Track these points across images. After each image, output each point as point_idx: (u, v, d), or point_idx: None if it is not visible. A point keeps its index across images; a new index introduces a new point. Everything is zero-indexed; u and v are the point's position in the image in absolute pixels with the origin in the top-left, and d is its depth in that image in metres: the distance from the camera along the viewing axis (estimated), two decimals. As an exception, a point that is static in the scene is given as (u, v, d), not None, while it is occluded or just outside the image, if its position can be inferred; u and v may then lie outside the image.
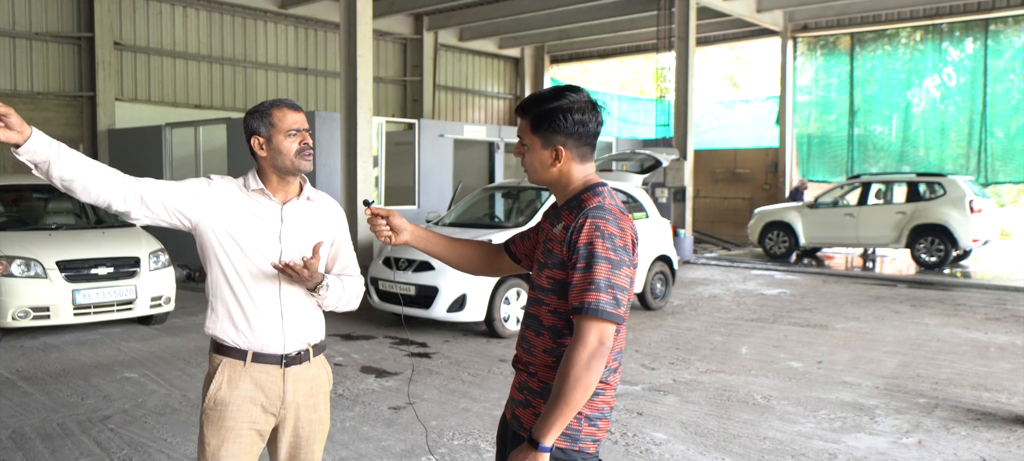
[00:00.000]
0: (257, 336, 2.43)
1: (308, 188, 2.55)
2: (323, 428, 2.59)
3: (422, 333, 8.03)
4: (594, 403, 2.07)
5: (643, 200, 9.69)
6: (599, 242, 1.97)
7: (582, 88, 2.16)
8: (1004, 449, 4.69)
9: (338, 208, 2.68)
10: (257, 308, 2.43)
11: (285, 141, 2.41)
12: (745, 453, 4.59)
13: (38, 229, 8.18)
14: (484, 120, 21.90)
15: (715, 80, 31.35)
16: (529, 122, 2.11)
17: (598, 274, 1.95)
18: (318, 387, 2.57)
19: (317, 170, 10.51)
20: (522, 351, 2.20)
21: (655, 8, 16.89)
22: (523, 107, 2.14)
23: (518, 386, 2.21)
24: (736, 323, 8.75)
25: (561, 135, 2.08)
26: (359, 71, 9.77)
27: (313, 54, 17.82)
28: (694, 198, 17.63)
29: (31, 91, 13.76)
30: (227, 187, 2.46)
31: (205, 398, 2.45)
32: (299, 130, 2.43)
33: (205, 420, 2.44)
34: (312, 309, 2.54)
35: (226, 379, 2.43)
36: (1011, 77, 16.89)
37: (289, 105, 2.46)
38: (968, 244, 13.01)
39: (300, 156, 2.43)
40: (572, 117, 2.07)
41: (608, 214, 2.02)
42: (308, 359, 2.53)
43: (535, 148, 2.11)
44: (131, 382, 6.09)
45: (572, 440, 2.05)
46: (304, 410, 2.52)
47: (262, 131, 2.43)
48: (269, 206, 2.47)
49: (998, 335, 8.06)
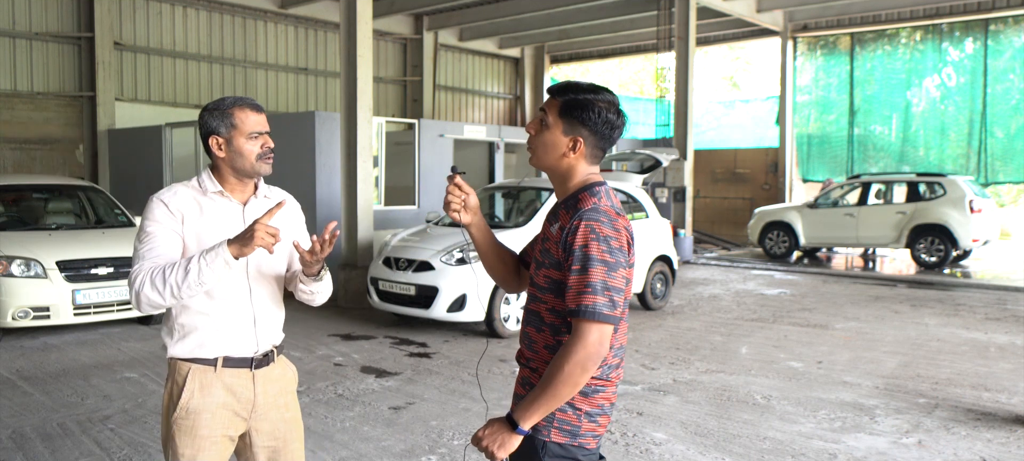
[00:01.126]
0: (227, 341, 2.38)
1: (263, 185, 2.50)
2: (298, 426, 2.57)
3: (422, 333, 8.03)
4: (594, 399, 2.08)
5: (643, 200, 9.69)
6: (594, 244, 1.97)
7: (615, 94, 2.16)
8: (1004, 449, 4.69)
9: (295, 203, 2.64)
10: (229, 313, 2.38)
11: (246, 144, 2.35)
12: (745, 453, 4.59)
13: (38, 229, 8.18)
14: (484, 120, 21.90)
15: (715, 80, 31.35)
16: (560, 104, 2.10)
17: (594, 277, 1.96)
18: (286, 386, 2.55)
19: (317, 170, 10.51)
20: (525, 346, 2.21)
21: (655, 8, 16.89)
22: (559, 88, 2.12)
23: (521, 381, 2.22)
24: (736, 323, 8.75)
25: (586, 128, 2.08)
26: (359, 71, 9.77)
27: (313, 54, 17.82)
28: (694, 198, 17.63)
29: (31, 91, 13.75)
30: (185, 198, 2.38)
31: (175, 408, 2.36)
32: (261, 133, 2.37)
33: (177, 430, 2.35)
34: (277, 310, 2.52)
35: (197, 387, 2.36)
36: (1011, 77, 16.88)
37: (251, 105, 2.38)
38: (968, 244, 13.01)
39: (261, 160, 2.37)
40: (603, 115, 2.08)
41: (603, 216, 2.01)
42: (274, 360, 2.51)
43: (556, 131, 2.10)
44: (131, 382, 6.09)
45: (572, 435, 2.06)
46: (275, 411, 2.49)
47: (222, 131, 2.35)
48: (230, 208, 2.42)
49: (998, 335, 8.06)
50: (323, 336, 7.79)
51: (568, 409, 2.06)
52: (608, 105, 2.09)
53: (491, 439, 2.04)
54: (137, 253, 2.32)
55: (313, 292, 2.51)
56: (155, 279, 2.21)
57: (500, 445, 2.04)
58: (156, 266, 2.24)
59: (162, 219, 2.33)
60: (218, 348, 2.38)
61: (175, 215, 2.34)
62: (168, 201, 2.36)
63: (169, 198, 2.37)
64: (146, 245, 2.31)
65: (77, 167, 14.46)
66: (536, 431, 2.06)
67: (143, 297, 2.23)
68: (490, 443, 2.04)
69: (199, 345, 2.37)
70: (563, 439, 2.05)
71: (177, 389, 2.39)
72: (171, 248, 2.31)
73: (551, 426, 2.05)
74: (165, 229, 2.32)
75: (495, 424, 2.06)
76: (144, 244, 2.31)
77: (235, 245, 2.17)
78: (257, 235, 2.14)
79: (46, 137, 14.01)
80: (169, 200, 2.36)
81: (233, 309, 2.39)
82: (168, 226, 2.33)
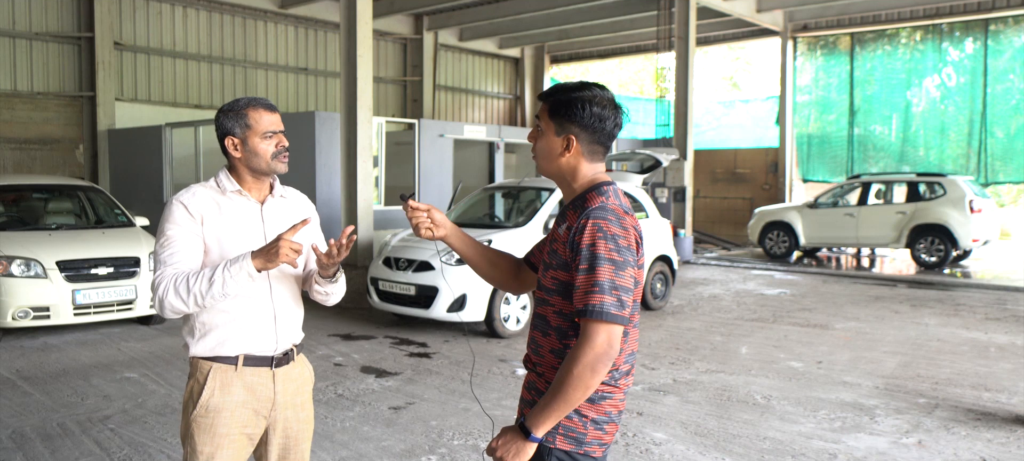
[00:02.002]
0: (249, 339, 2.40)
1: (279, 185, 2.54)
2: (309, 426, 2.59)
3: (422, 333, 8.03)
4: (600, 406, 2.05)
5: (643, 200, 9.69)
6: (602, 243, 1.95)
7: (607, 88, 2.15)
8: (1004, 449, 4.69)
9: (310, 203, 2.68)
10: (250, 311, 2.40)
11: (261, 143, 2.38)
12: (745, 453, 4.59)
13: (38, 229, 8.17)
14: (484, 120, 21.90)
15: (715, 80, 31.35)
16: (548, 107, 2.11)
17: (601, 276, 1.93)
18: (303, 386, 2.57)
19: (317, 170, 10.52)
20: (531, 351, 2.19)
21: (655, 8, 16.89)
22: (547, 92, 2.14)
23: (527, 386, 2.20)
24: (736, 323, 8.75)
25: (576, 125, 2.07)
26: (359, 71, 9.78)
27: (313, 54, 17.82)
28: (694, 198, 17.64)
29: (31, 91, 13.76)
30: (204, 199, 2.40)
31: (196, 406, 2.38)
32: (275, 132, 2.40)
33: (196, 428, 2.38)
34: (297, 308, 2.54)
35: (218, 385, 2.38)
36: (1011, 77, 16.89)
37: (265, 106, 2.41)
38: (968, 244, 13.01)
39: (276, 159, 2.41)
40: (590, 109, 2.05)
41: (611, 214, 1.99)
42: (293, 359, 2.53)
43: (549, 134, 2.10)
44: (131, 382, 6.09)
45: (577, 443, 2.03)
46: (292, 410, 2.51)
47: (237, 132, 2.38)
48: (249, 207, 2.45)
49: (998, 335, 8.06)
50: (323, 336, 7.79)
51: (573, 416, 2.02)
52: (594, 99, 2.06)
53: (505, 449, 2.01)
54: (159, 259, 2.34)
55: (328, 293, 2.54)
56: (179, 288, 2.25)
57: (515, 454, 2.00)
58: (179, 273, 2.28)
59: (182, 222, 2.35)
60: (239, 346, 2.40)
61: (194, 217, 2.36)
62: (187, 203, 2.37)
63: (188, 200, 2.38)
64: (167, 250, 2.33)
65: (77, 167, 14.47)
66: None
67: (167, 304, 2.28)
68: (504, 453, 2.01)
69: (220, 343, 2.39)
70: (568, 446, 2.03)
71: (198, 387, 2.41)
72: (192, 253, 2.34)
73: (556, 433, 2.02)
74: (185, 232, 2.34)
75: (508, 433, 2.03)
76: (165, 249, 2.34)
77: (259, 259, 2.23)
78: (281, 252, 2.19)
79: (46, 137, 14.01)
80: (189, 202, 2.38)
81: (254, 307, 2.41)
82: (188, 229, 2.35)
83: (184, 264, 2.30)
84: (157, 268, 2.33)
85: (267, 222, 2.46)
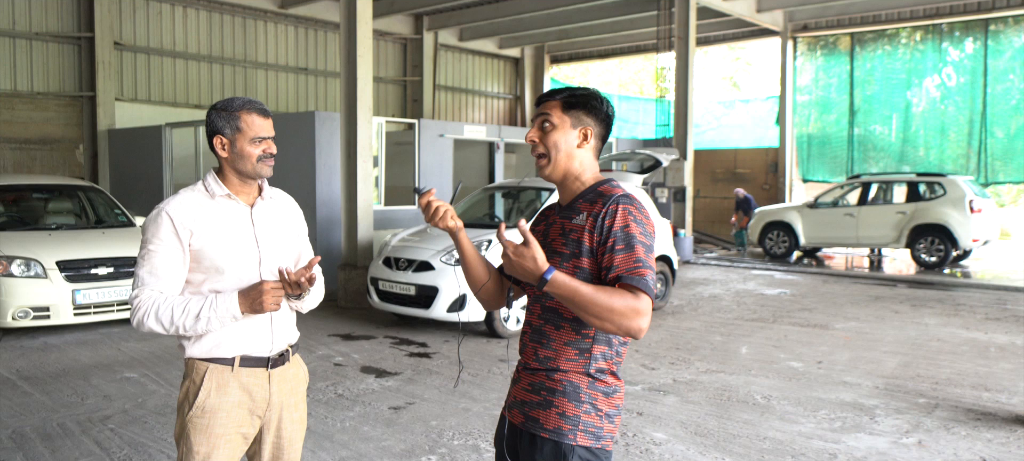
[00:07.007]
0: (245, 341, 2.42)
1: (268, 187, 2.54)
2: (303, 427, 2.60)
3: (422, 333, 8.03)
4: (613, 399, 2.11)
5: (643, 200, 9.69)
6: (634, 226, 2.01)
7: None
8: (1004, 449, 4.69)
9: (297, 207, 2.69)
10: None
11: (248, 147, 2.38)
12: (745, 453, 4.59)
13: (38, 229, 8.18)
14: (484, 120, 21.89)
15: (715, 80, 31.35)
16: (560, 102, 2.14)
17: (640, 253, 1.98)
18: (298, 386, 2.58)
19: (317, 170, 10.51)
20: (538, 347, 2.13)
21: (655, 8, 16.88)
22: (550, 93, 2.18)
23: (532, 388, 2.13)
24: (736, 323, 8.75)
25: (591, 117, 2.14)
26: (359, 71, 9.77)
27: (313, 54, 17.82)
28: (694, 198, 17.63)
29: (31, 91, 13.75)
30: (191, 207, 2.38)
31: (192, 407, 2.39)
32: (264, 137, 2.40)
33: (192, 428, 2.38)
34: (290, 309, 2.56)
35: (214, 386, 2.39)
36: (1011, 77, 16.88)
37: (259, 110, 2.40)
38: (968, 244, 13.01)
39: (261, 163, 2.41)
40: (603, 108, 2.16)
41: (636, 203, 2.06)
42: (289, 359, 2.54)
43: (564, 127, 2.13)
44: (131, 382, 6.09)
45: (596, 438, 2.07)
46: (287, 410, 2.52)
47: (226, 132, 2.38)
48: (238, 210, 2.45)
49: (998, 335, 8.06)
50: (323, 336, 7.80)
51: (592, 412, 2.05)
52: (605, 101, 2.19)
53: (520, 254, 1.90)
54: (138, 276, 2.35)
55: (299, 305, 2.54)
56: (161, 317, 2.31)
57: (522, 257, 1.90)
58: (162, 302, 2.31)
59: (166, 238, 2.34)
60: (235, 347, 2.41)
61: (181, 234, 2.34)
62: (175, 217, 2.35)
63: (176, 212, 2.36)
64: (146, 267, 2.34)
65: (77, 167, 14.46)
66: (561, 436, 2.03)
67: (144, 327, 2.34)
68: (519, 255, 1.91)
69: (216, 344, 2.40)
70: (589, 442, 2.05)
71: (194, 388, 2.41)
72: (172, 274, 2.35)
73: (577, 430, 2.04)
74: (168, 249, 2.34)
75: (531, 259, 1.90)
76: (144, 265, 2.34)
77: (245, 303, 2.31)
78: (266, 302, 2.30)
79: (46, 137, 14.01)
80: (176, 215, 2.35)
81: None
82: (171, 246, 2.34)
83: (163, 285, 2.33)
84: (135, 283, 2.34)
85: (257, 225, 2.46)
